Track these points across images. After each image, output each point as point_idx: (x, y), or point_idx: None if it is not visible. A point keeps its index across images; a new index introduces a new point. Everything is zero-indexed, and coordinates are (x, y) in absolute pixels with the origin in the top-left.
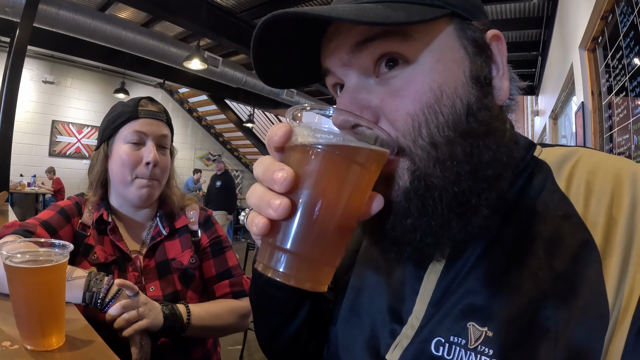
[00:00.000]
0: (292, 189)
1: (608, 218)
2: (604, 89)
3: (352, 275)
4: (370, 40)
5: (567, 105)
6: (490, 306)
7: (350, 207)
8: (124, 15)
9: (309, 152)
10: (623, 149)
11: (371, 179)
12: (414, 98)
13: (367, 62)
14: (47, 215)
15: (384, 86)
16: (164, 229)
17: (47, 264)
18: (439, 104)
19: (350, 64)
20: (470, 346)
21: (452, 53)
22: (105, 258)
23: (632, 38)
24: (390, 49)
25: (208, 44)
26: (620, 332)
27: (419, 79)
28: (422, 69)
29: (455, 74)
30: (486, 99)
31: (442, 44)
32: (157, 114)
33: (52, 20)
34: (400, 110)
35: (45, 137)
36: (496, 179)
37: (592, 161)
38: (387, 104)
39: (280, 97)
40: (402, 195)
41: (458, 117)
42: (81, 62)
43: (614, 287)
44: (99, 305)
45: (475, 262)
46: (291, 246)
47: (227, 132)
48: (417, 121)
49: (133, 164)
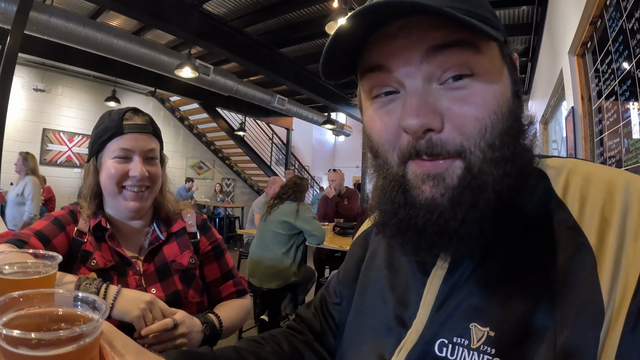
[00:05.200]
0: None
1: (602, 221)
2: (593, 93)
3: (358, 285)
4: (447, 47)
5: (557, 110)
6: (491, 307)
7: None
8: (115, 23)
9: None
10: (614, 153)
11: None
12: (482, 105)
13: (437, 67)
14: (40, 225)
15: (450, 92)
16: (161, 234)
17: (36, 275)
18: (501, 111)
19: (419, 67)
20: (473, 346)
21: (502, 70)
22: (104, 264)
23: (621, 43)
24: (463, 59)
25: (199, 52)
26: (615, 329)
27: (485, 89)
28: (486, 80)
29: (506, 89)
30: (520, 110)
31: (497, 61)
32: (142, 126)
33: (44, 28)
34: (469, 116)
35: (36, 146)
36: (524, 183)
37: (587, 170)
38: (455, 110)
39: (271, 105)
40: (452, 190)
41: (510, 126)
42: (72, 70)
43: (608, 287)
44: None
45: (477, 265)
46: None
47: (219, 140)
48: (484, 125)
49: (119, 177)
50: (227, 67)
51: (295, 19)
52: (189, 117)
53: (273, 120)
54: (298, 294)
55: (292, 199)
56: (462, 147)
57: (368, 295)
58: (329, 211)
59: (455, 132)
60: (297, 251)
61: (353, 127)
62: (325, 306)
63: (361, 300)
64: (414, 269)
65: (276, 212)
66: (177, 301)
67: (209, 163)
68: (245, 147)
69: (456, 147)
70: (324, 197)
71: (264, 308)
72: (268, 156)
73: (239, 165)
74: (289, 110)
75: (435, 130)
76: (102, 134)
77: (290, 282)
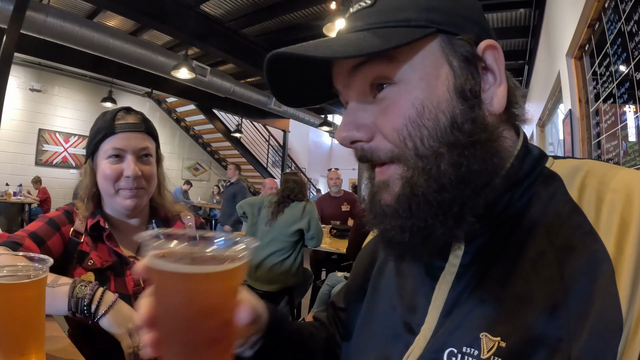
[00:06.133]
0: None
1: (620, 227)
2: (591, 96)
3: (367, 292)
4: (362, 65)
5: (554, 113)
6: (502, 316)
7: (205, 326)
8: (112, 24)
9: (160, 282)
10: (611, 155)
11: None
12: (398, 114)
13: (362, 84)
14: (35, 226)
15: (377, 105)
16: None
17: (26, 279)
18: (422, 118)
19: (349, 86)
20: (483, 357)
21: (435, 70)
22: (101, 263)
23: (619, 45)
24: (379, 73)
25: (196, 53)
26: (634, 341)
27: (403, 97)
28: (406, 87)
29: (439, 90)
30: (472, 111)
31: (426, 62)
32: (134, 125)
33: (40, 27)
34: (388, 126)
35: (31, 146)
36: (484, 187)
37: (603, 172)
38: (379, 121)
39: (268, 107)
40: (395, 199)
41: (442, 130)
42: (68, 70)
43: (628, 297)
44: (86, 312)
45: (487, 272)
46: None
47: (215, 141)
48: (402, 135)
49: (114, 177)
50: (223, 68)
51: (293, 20)
52: (185, 118)
53: (270, 122)
54: (295, 296)
55: (299, 199)
56: (393, 154)
57: (378, 302)
58: (328, 212)
59: (384, 140)
60: (298, 254)
61: None
62: (333, 310)
63: (371, 307)
64: (423, 274)
65: (283, 217)
66: None
67: (205, 165)
68: (242, 148)
69: (387, 154)
70: (322, 199)
71: None
72: (264, 158)
73: None
74: (286, 112)
75: (362, 141)
76: (96, 135)
77: (288, 284)
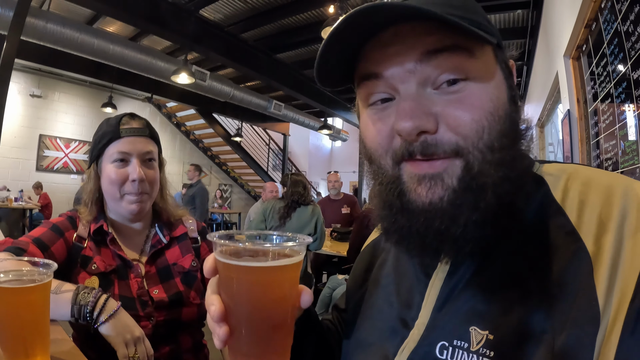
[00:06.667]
0: (227, 313)
1: (599, 226)
2: (589, 96)
3: (367, 291)
4: (441, 52)
5: (553, 113)
6: (491, 311)
7: (277, 312)
8: (111, 29)
9: (228, 277)
10: (610, 155)
11: (292, 283)
12: (479, 106)
13: (431, 72)
14: (38, 232)
15: (445, 96)
16: (164, 237)
17: (30, 283)
18: (497, 114)
19: (413, 72)
20: (472, 349)
21: (497, 74)
22: (105, 267)
23: (616, 45)
24: (458, 63)
25: (196, 58)
26: (612, 333)
27: (481, 91)
28: (481, 83)
29: (502, 92)
30: (517, 115)
31: (491, 66)
32: (139, 130)
33: (40, 33)
34: (465, 117)
35: (32, 152)
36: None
37: (586, 175)
38: (450, 112)
39: (268, 111)
40: (452, 192)
41: (507, 128)
42: (69, 76)
43: (605, 291)
44: (88, 318)
45: (477, 269)
46: (242, 351)
47: (215, 146)
48: (481, 126)
49: (120, 181)
50: (223, 72)
51: (292, 24)
52: (185, 123)
53: (270, 126)
54: None
55: (306, 203)
56: (458, 147)
57: (376, 300)
58: (328, 215)
59: (451, 132)
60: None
61: (349, 132)
62: (337, 313)
63: (370, 305)
64: (418, 271)
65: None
66: (179, 302)
67: (206, 169)
68: (242, 152)
69: (452, 147)
70: (322, 202)
71: None
72: (265, 162)
73: (236, 171)
74: (286, 116)
75: (429, 132)
76: (101, 139)
77: None
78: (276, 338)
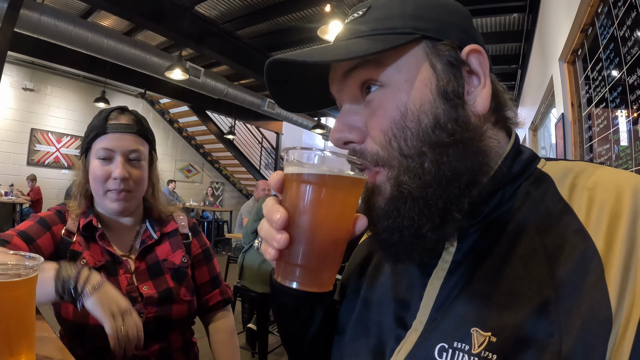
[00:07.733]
0: (289, 223)
1: (610, 225)
2: (583, 100)
3: (363, 287)
4: (352, 70)
5: (547, 117)
6: (493, 312)
7: (338, 226)
8: (106, 23)
9: (296, 187)
10: (604, 159)
11: (353, 201)
12: (384, 116)
13: (353, 88)
14: (24, 225)
15: (367, 108)
16: (154, 233)
17: (16, 277)
18: (405, 120)
19: (342, 90)
20: (474, 351)
21: (419, 73)
22: (94, 263)
23: (612, 50)
24: (367, 76)
25: (190, 55)
26: (625, 337)
27: (388, 100)
28: (391, 90)
29: (422, 92)
30: (455, 111)
31: (411, 65)
32: (126, 126)
33: (34, 26)
34: (376, 128)
35: (23, 146)
36: (468, 185)
37: (594, 172)
38: (368, 123)
39: (261, 109)
40: (385, 201)
41: (425, 130)
42: (62, 70)
43: (617, 293)
44: (73, 294)
45: (478, 268)
46: (295, 262)
47: (208, 143)
48: (388, 136)
49: (103, 178)
50: (217, 70)
51: (287, 23)
52: (178, 119)
53: (263, 124)
54: None
55: None
56: (379, 157)
57: (374, 297)
58: None
59: (372, 143)
60: None
61: None
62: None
63: (367, 301)
64: (416, 270)
65: None
66: (169, 298)
67: (198, 166)
68: (235, 150)
69: (374, 157)
70: None
71: (252, 314)
72: (257, 160)
73: (228, 169)
74: (279, 114)
75: (355, 142)
76: (90, 133)
77: None
78: (332, 253)
